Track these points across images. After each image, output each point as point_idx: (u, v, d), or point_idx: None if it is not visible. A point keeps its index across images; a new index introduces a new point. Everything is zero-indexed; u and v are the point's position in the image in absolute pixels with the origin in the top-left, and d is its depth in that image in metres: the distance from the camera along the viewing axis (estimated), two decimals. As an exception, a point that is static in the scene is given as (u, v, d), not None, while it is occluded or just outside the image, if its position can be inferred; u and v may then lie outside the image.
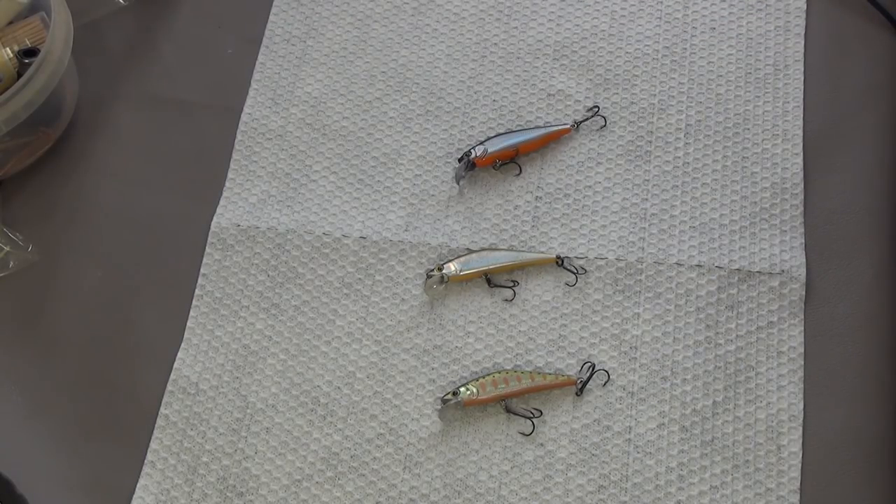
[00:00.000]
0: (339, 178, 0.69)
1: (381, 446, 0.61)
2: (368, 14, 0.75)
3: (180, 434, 0.62)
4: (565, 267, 0.65)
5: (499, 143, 0.68)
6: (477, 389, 0.60)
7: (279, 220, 0.68)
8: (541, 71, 0.72)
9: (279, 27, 0.75)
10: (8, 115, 0.65)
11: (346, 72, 0.73)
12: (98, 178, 0.72)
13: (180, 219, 0.69)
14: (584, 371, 0.61)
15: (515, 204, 0.67)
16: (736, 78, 0.70)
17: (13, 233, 0.69)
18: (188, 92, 0.74)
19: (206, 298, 0.66)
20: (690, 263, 0.64)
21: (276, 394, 0.63)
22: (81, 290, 0.68)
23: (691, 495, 0.58)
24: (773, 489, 0.58)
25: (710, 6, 0.72)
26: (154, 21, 0.78)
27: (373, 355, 0.63)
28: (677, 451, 0.59)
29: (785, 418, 0.59)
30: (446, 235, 0.67)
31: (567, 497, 0.59)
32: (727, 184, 0.66)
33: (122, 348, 0.66)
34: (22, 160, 0.71)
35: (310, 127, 0.71)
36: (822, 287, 0.63)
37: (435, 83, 0.72)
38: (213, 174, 0.70)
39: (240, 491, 0.60)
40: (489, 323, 0.64)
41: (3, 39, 0.68)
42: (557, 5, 0.74)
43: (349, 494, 0.60)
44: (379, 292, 0.65)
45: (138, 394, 0.64)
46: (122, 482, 0.61)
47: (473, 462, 0.60)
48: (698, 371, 0.61)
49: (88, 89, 0.74)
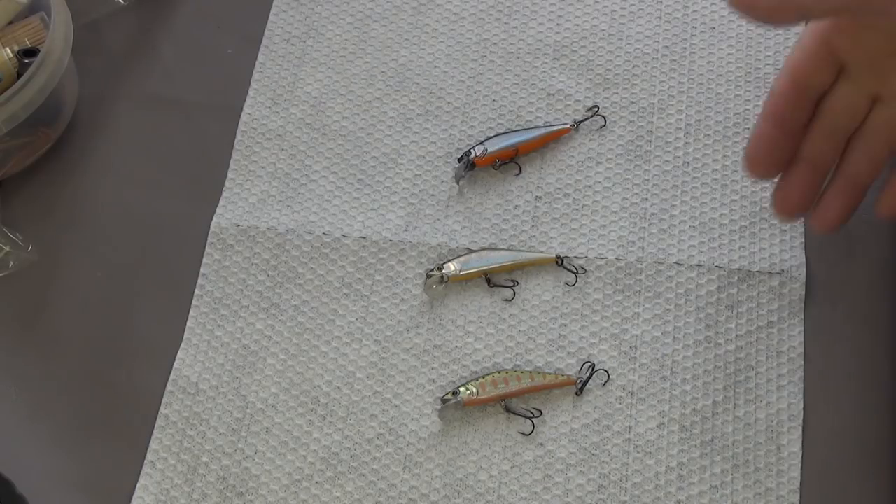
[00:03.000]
0: (339, 178, 0.69)
1: (381, 446, 0.61)
2: (368, 14, 0.75)
3: (180, 434, 0.62)
4: (565, 267, 0.65)
5: (499, 142, 0.68)
6: (477, 389, 0.60)
7: (279, 220, 0.68)
8: (541, 71, 0.72)
9: (279, 27, 0.75)
10: (8, 115, 0.65)
11: (346, 72, 0.73)
12: (98, 178, 0.72)
13: (180, 219, 0.69)
14: (583, 371, 0.61)
15: (515, 204, 0.67)
16: (736, 78, 0.70)
17: (13, 233, 0.69)
18: (188, 92, 0.74)
19: (206, 298, 0.66)
20: (690, 263, 0.64)
21: (275, 394, 0.63)
22: (81, 290, 0.68)
23: (691, 495, 0.58)
24: (773, 489, 0.58)
25: (710, 6, 0.72)
26: (154, 21, 0.78)
27: (373, 355, 0.63)
28: (677, 450, 0.59)
29: (785, 418, 0.59)
30: (446, 235, 0.67)
31: (567, 497, 0.59)
32: (727, 183, 0.66)
33: (122, 348, 0.66)
34: (22, 160, 0.71)
35: (310, 127, 0.71)
36: (822, 287, 0.63)
37: (435, 83, 0.72)
38: (213, 174, 0.70)
39: (240, 491, 0.60)
40: (489, 323, 0.64)
41: (3, 39, 0.68)
42: (557, 5, 0.74)
43: (349, 494, 0.60)
44: (379, 292, 0.65)
45: (138, 394, 0.64)
46: (122, 482, 0.61)
47: (473, 462, 0.60)
48: (698, 371, 0.61)
49: (88, 89, 0.74)
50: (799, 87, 0.50)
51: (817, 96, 0.50)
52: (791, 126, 0.51)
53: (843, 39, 0.48)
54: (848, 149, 0.51)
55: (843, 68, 0.49)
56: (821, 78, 0.49)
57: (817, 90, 0.50)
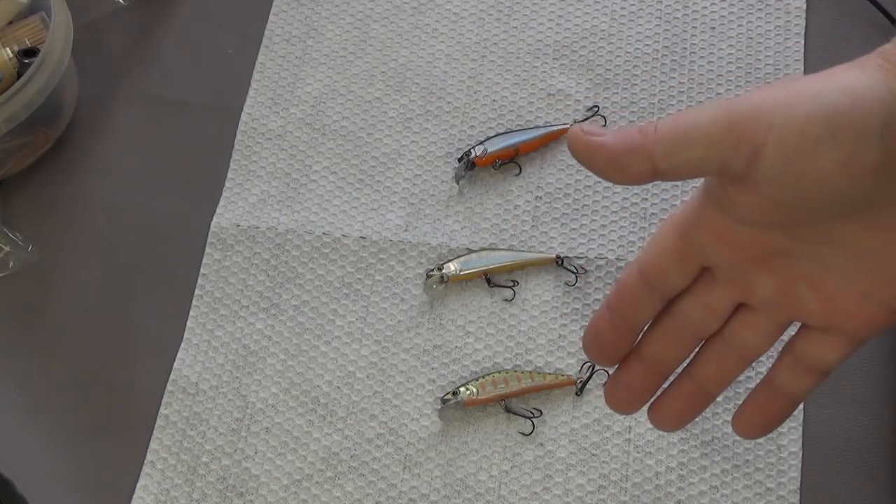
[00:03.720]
0: (339, 178, 0.69)
1: (381, 446, 0.61)
2: (368, 14, 0.75)
3: (180, 434, 0.62)
4: (565, 267, 0.65)
5: (499, 142, 0.68)
6: (477, 389, 0.60)
7: (279, 220, 0.68)
8: (541, 71, 0.72)
9: (279, 27, 0.75)
10: (8, 115, 0.65)
11: (346, 72, 0.73)
12: (98, 178, 0.72)
13: (180, 219, 0.69)
14: (584, 371, 0.61)
15: (515, 204, 0.67)
16: (736, 78, 0.70)
17: (13, 233, 0.69)
18: (188, 92, 0.74)
19: (206, 298, 0.66)
20: (690, 263, 0.64)
21: (275, 394, 0.63)
22: (81, 290, 0.68)
23: (691, 495, 0.58)
24: (773, 489, 0.58)
25: (710, 6, 0.72)
26: (154, 21, 0.78)
27: (373, 355, 0.63)
28: (677, 451, 0.59)
29: (785, 418, 0.59)
30: (446, 235, 0.67)
31: (567, 497, 0.59)
32: (727, 184, 0.66)
33: (122, 348, 0.66)
34: (22, 160, 0.71)
35: (310, 127, 0.71)
36: (822, 287, 0.63)
37: (435, 83, 0.72)
38: (213, 174, 0.70)
39: (240, 491, 0.60)
40: (489, 323, 0.64)
41: (3, 39, 0.68)
42: (557, 5, 0.74)
43: (349, 494, 0.60)
44: (379, 292, 0.65)
45: (138, 394, 0.64)
46: (122, 482, 0.61)
47: (473, 462, 0.60)
48: (698, 371, 0.61)
49: (88, 89, 0.74)
50: (649, 285, 0.42)
51: (669, 296, 0.43)
52: (633, 323, 0.43)
53: (708, 236, 0.41)
54: (700, 351, 0.44)
55: (706, 269, 0.42)
56: (675, 279, 0.42)
57: (670, 291, 0.42)
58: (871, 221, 0.38)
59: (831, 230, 0.39)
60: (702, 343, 0.43)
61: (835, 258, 0.40)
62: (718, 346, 0.43)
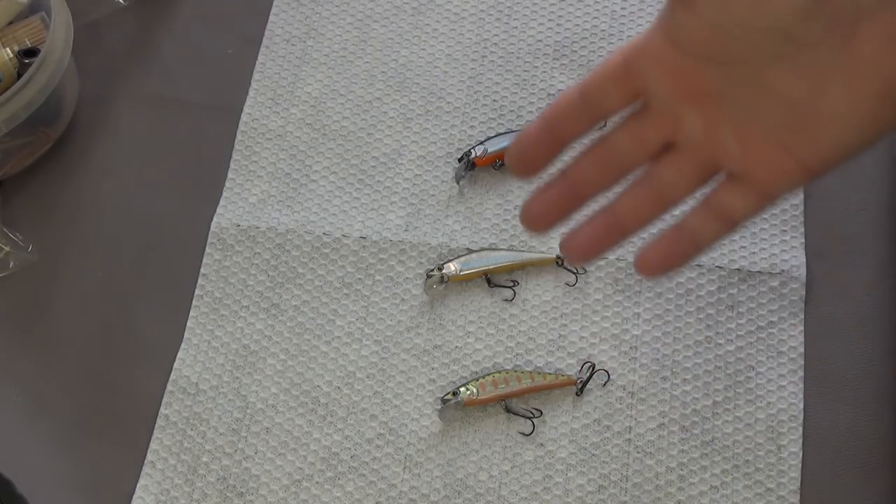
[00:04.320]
0: (339, 178, 0.69)
1: (381, 446, 0.61)
2: (368, 14, 0.75)
3: (180, 434, 0.62)
4: (565, 267, 0.65)
5: (499, 143, 0.68)
6: (477, 389, 0.60)
7: (279, 220, 0.68)
8: (541, 71, 0.72)
9: (279, 27, 0.75)
10: (8, 115, 0.65)
11: (346, 72, 0.73)
12: (98, 178, 0.72)
13: (180, 219, 0.69)
14: (584, 371, 0.61)
15: (515, 204, 0.67)
16: (736, 78, 0.70)
17: (13, 233, 0.69)
18: (188, 92, 0.74)
19: (206, 298, 0.66)
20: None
21: (276, 394, 0.63)
22: (81, 290, 0.68)
23: (691, 495, 0.58)
24: (773, 489, 0.58)
25: (710, 6, 0.72)
26: (154, 21, 0.78)
27: (373, 355, 0.63)
28: (677, 451, 0.59)
29: (785, 418, 0.59)
30: (446, 235, 0.67)
31: (567, 497, 0.59)
32: (727, 184, 0.66)
33: (122, 348, 0.66)
34: (22, 160, 0.71)
35: (310, 127, 0.71)
36: (822, 287, 0.63)
37: (435, 83, 0.72)
38: (213, 174, 0.70)
39: (240, 491, 0.60)
40: (489, 323, 0.64)
41: (3, 39, 0.68)
42: (557, 5, 0.74)
43: (349, 494, 0.60)
44: (379, 292, 0.65)
45: (138, 394, 0.64)
46: (122, 482, 0.61)
47: (473, 462, 0.60)
48: (698, 371, 0.61)
49: (88, 89, 0.74)
50: (585, 101, 0.44)
51: (601, 116, 0.45)
52: (561, 134, 0.45)
53: (649, 62, 0.43)
54: (624, 189, 0.47)
55: (642, 100, 0.44)
56: (610, 99, 0.44)
57: (602, 110, 0.45)
58: (798, 64, 0.39)
59: (763, 75, 0.41)
60: (625, 178, 0.46)
61: (762, 106, 0.41)
62: (640, 183, 0.46)
